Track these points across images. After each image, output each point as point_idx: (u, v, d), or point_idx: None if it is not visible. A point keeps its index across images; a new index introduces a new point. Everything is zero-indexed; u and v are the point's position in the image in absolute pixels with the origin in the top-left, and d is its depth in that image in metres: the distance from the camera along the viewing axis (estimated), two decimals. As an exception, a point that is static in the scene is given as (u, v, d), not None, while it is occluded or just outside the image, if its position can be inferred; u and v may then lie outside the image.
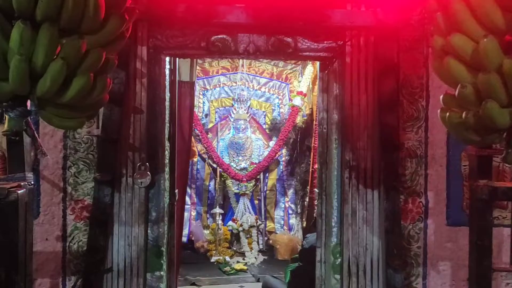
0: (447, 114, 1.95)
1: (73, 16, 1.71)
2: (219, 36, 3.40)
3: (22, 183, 2.09)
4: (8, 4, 1.65)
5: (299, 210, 6.35)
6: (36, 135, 2.09)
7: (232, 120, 6.43)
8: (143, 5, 3.06)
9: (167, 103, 3.55)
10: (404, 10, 3.28)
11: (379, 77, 3.36)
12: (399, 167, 3.39)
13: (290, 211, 6.45)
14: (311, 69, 6.01)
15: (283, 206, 6.50)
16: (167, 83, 3.54)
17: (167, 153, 3.59)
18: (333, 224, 3.58)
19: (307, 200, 6.15)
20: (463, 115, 1.84)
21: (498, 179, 2.17)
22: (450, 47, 1.81)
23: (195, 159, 6.34)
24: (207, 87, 6.47)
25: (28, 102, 1.92)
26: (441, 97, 2.07)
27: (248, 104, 6.42)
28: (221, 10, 3.28)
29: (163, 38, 3.39)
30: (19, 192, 2.01)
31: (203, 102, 6.46)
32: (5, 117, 1.92)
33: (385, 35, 3.33)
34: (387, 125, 3.35)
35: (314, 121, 5.78)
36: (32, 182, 2.19)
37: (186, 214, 5.79)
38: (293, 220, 6.44)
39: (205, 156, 6.39)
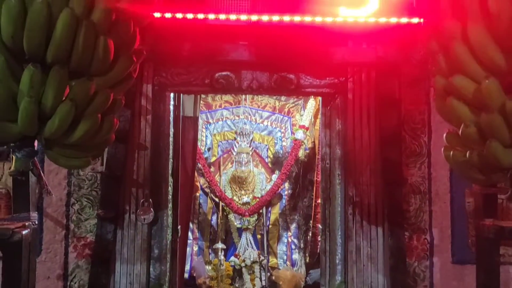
0: (451, 152, 1.97)
1: (83, 59, 1.75)
2: (223, 73, 3.47)
3: (26, 223, 2.09)
4: (19, 47, 1.69)
5: (302, 245, 6.26)
6: (42, 174, 2.09)
7: (234, 153, 6.43)
8: (149, 44, 3.13)
9: (171, 139, 3.59)
10: (405, 48, 3.35)
11: (381, 112, 3.40)
12: (403, 203, 3.38)
13: (293, 246, 6.35)
14: (313, 103, 6.06)
15: (286, 241, 6.41)
16: (171, 119, 3.59)
17: (170, 188, 3.60)
18: (337, 261, 3.54)
19: (310, 235, 6.07)
20: (467, 154, 1.86)
21: (501, 216, 2.16)
22: (453, 88, 1.84)
23: (197, 194, 6.30)
24: (210, 120, 6.51)
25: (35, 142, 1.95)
26: (445, 135, 2.09)
27: (250, 137, 6.43)
28: (224, 48, 3.37)
29: (168, 75, 3.46)
30: (23, 232, 2.01)
31: (206, 136, 6.48)
32: (12, 157, 1.93)
33: (386, 71, 3.40)
34: (389, 160, 3.37)
35: (317, 155, 5.78)
36: (36, 222, 2.19)
37: (188, 249, 5.70)
38: (296, 255, 6.33)
39: (207, 190, 6.35)
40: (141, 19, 1.94)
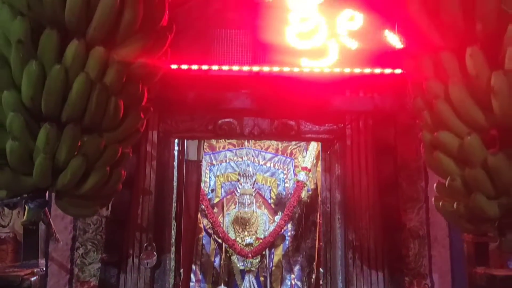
0: (441, 203, 2.08)
1: (95, 117, 1.92)
2: (226, 120, 3.63)
3: (35, 270, 2.20)
4: (37, 107, 1.86)
5: (305, 288, 6.27)
6: (52, 223, 2.22)
7: (237, 195, 6.55)
8: (154, 92, 3.29)
9: (174, 183, 3.71)
10: (399, 96, 3.50)
11: (378, 159, 3.52)
12: (402, 248, 3.44)
13: (297, 289, 6.36)
14: (315, 145, 6.22)
15: (289, 283, 6.42)
16: (175, 164, 3.73)
17: (173, 232, 3.68)
18: (338, 306, 3.57)
19: (314, 277, 6.08)
20: (455, 205, 1.97)
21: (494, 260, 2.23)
22: (438, 142, 1.98)
23: (200, 235, 6.37)
24: (214, 162, 6.67)
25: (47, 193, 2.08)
26: (435, 185, 2.21)
27: (253, 179, 6.58)
28: (227, 96, 3.53)
29: (172, 122, 3.63)
30: (32, 279, 2.12)
31: (210, 177, 6.62)
32: (24, 207, 2.06)
33: (382, 119, 3.55)
34: (388, 205, 3.46)
35: (319, 196, 5.88)
36: (44, 269, 2.29)
37: (190, 291, 5.72)
38: (299, 299, 6.33)
39: (210, 231, 6.43)
40: (149, 80, 2.12)
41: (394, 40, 3.13)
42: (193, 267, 6.10)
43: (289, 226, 6.51)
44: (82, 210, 2.13)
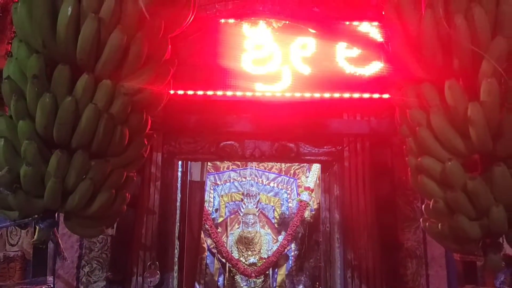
0: (427, 224, 2.22)
1: (102, 144, 2.10)
2: (227, 143, 3.80)
3: (43, 287, 2.36)
4: (50, 135, 2.06)
5: (309, 308, 6.34)
6: (60, 242, 2.38)
7: (241, 214, 6.69)
8: (159, 117, 3.48)
9: (178, 203, 3.86)
10: (394, 120, 3.65)
11: (375, 180, 3.66)
12: (400, 267, 3.55)
13: (300, 309, 6.44)
14: (318, 166, 6.36)
15: (292, 303, 6.51)
16: (179, 185, 3.89)
17: (176, 251, 3.82)
18: (338, 325, 3.67)
19: (317, 297, 6.17)
20: (439, 226, 2.11)
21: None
22: (422, 167, 2.13)
23: (204, 254, 6.50)
24: (218, 182, 6.84)
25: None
26: (423, 206, 2.35)
27: (257, 199, 6.73)
28: (228, 120, 3.71)
29: (176, 144, 3.80)
30: (41, 295, 2.28)
31: (214, 197, 6.78)
32: (35, 227, 2.23)
33: (379, 141, 3.70)
34: (385, 225, 3.59)
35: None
36: (52, 285, 2.45)
37: (194, 311, 5.82)
38: (303, 319, 6.40)
39: (214, 250, 6.56)
40: (153, 109, 2.31)
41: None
42: (197, 286, 6.21)
43: (293, 245, 6.61)
44: (89, 230, 2.30)
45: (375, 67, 3.34)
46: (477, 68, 1.96)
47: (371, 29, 3.37)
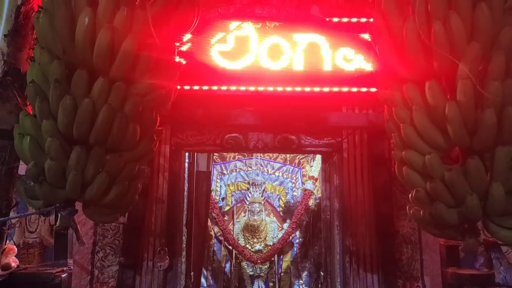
0: (411, 211, 2.48)
1: (117, 140, 2.38)
2: (232, 135, 4.06)
3: (64, 268, 2.66)
4: (70, 133, 2.34)
5: (313, 293, 6.64)
6: (78, 228, 2.68)
7: (247, 203, 6.98)
8: (167, 110, 3.73)
9: (185, 193, 4.15)
10: (391, 113, 3.89)
11: (373, 170, 3.91)
12: (395, 253, 3.82)
13: (305, 294, 6.75)
14: (322, 155, 6.62)
15: (297, 288, 6.82)
16: (186, 175, 4.17)
17: (184, 238, 4.12)
18: (337, 306, 3.96)
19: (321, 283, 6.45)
20: (421, 213, 2.37)
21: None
22: (406, 160, 2.39)
23: (211, 242, 6.81)
24: (224, 172, 7.13)
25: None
26: (409, 195, 2.60)
27: (262, 188, 7.01)
28: (233, 114, 3.96)
29: (183, 137, 4.07)
30: (62, 276, 2.58)
31: (220, 186, 7.08)
32: (57, 214, 2.53)
33: (376, 133, 3.92)
34: (382, 213, 3.84)
35: (324, 205, 6.27)
36: (72, 268, 2.75)
37: (202, 296, 6.16)
38: (307, 303, 6.71)
39: (221, 238, 6.86)
40: (161, 108, 2.59)
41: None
42: (205, 272, 6.54)
43: (297, 233, 6.90)
44: (105, 217, 2.59)
45: (372, 63, 3.57)
46: (455, 70, 2.19)
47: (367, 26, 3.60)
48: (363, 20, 3.77)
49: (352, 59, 3.64)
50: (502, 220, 2.26)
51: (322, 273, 4.54)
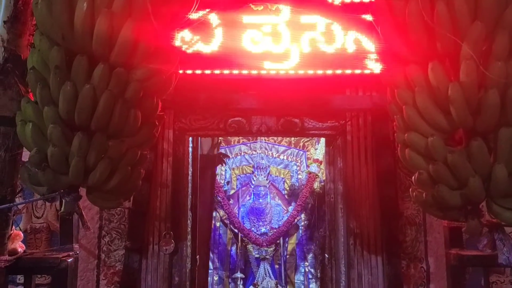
0: (414, 193, 2.48)
1: (118, 126, 2.39)
2: (235, 119, 4.05)
3: (70, 253, 2.69)
4: (72, 119, 2.35)
5: (319, 275, 6.70)
6: (83, 213, 2.71)
7: (252, 186, 7.01)
8: (170, 95, 3.70)
9: (189, 177, 4.17)
10: (395, 95, 3.86)
11: (377, 152, 3.90)
12: (399, 234, 3.83)
13: (310, 276, 6.81)
14: (326, 137, 6.61)
15: (303, 270, 6.88)
16: (190, 160, 4.19)
17: (189, 222, 4.15)
18: (341, 288, 4.00)
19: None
20: (424, 195, 2.37)
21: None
22: (409, 142, 2.37)
23: (217, 224, 6.88)
24: (229, 155, 7.14)
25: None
26: (413, 178, 2.59)
27: (267, 171, 7.03)
28: (236, 97, 3.94)
29: (187, 121, 4.06)
30: (68, 260, 2.62)
31: (225, 170, 7.11)
32: (61, 200, 2.55)
33: (381, 116, 3.89)
34: (386, 195, 3.84)
35: (328, 188, 6.29)
36: (78, 252, 2.79)
37: (209, 279, 6.23)
38: (313, 285, 6.78)
39: (227, 221, 6.92)
40: (162, 93, 2.58)
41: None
42: (211, 255, 6.62)
43: (302, 216, 6.94)
44: (108, 203, 2.62)
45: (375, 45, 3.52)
46: (458, 50, 2.16)
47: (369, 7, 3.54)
48: (366, 0, 3.72)
49: (354, 41, 3.59)
50: (506, 202, 2.26)
51: (326, 255, 4.57)
